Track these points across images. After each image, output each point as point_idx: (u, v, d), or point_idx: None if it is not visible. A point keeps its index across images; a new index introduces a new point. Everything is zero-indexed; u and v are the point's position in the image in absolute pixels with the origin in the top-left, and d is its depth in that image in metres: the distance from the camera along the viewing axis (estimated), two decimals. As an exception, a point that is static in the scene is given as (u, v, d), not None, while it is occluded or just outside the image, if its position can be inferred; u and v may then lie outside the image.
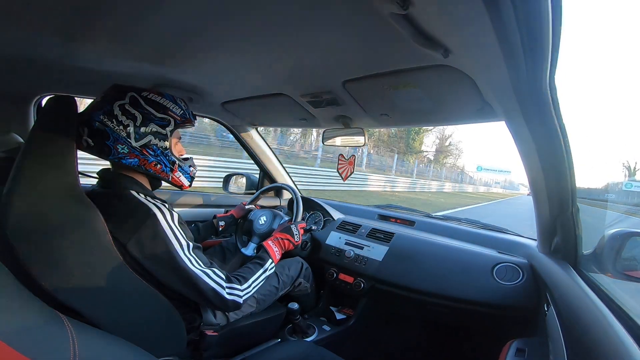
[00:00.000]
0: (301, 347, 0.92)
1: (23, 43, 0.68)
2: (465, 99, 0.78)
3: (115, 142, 0.74)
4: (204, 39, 0.65)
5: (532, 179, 0.83)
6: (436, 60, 0.62)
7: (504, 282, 1.00)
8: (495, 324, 1.06)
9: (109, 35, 0.65)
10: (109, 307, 0.67)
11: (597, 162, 56.90)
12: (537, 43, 0.47)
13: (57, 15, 0.56)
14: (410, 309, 1.23)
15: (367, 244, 1.29)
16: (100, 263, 0.66)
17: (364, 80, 0.80)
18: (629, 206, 9.49)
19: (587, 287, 0.66)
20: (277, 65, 0.77)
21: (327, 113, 1.10)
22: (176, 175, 0.85)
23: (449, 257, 1.13)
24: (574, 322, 0.58)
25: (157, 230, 0.72)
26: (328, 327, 1.23)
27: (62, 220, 0.63)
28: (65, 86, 1.05)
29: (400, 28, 0.49)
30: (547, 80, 0.56)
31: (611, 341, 0.45)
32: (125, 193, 0.76)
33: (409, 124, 1.16)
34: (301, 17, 0.53)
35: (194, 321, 0.87)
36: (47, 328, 0.41)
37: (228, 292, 0.79)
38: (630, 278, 0.65)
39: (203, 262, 0.78)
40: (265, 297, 1.07)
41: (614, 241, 0.68)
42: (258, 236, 1.27)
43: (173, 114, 0.81)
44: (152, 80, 0.93)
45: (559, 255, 0.87)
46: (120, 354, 0.50)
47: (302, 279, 1.22)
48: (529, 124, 0.68)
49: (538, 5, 0.41)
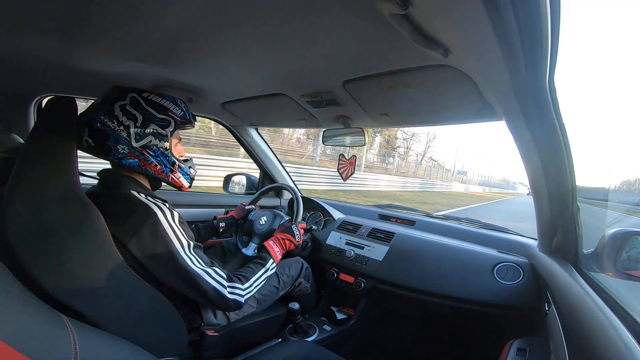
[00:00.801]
0: (302, 347, 0.92)
1: (24, 44, 0.68)
2: (465, 99, 0.78)
3: (115, 142, 0.74)
4: (204, 40, 0.65)
5: (533, 179, 0.83)
6: (436, 60, 0.62)
7: (505, 281, 1.00)
8: (496, 324, 1.06)
9: (109, 36, 0.65)
10: (110, 308, 0.67)
11: (597, 162, 57.21)
12: (537, 43, 0.47)
13: (57, 16, 0.56)
14: (410, 309, 1.23)
15: (368, 243, 1.29)
16: (101, 263, 0.66)
17: (363, 80, 0.80)
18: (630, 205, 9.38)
19: (588, 286, 0.66)
20: (277, 65, 0.77)
21: (327, 113, 1.10)
22: (176, 176, 0.85)
23: (449, 256, 1.13)
24: (574, 321, 0.58)
25: (158, 230, 0.72)
26: (329, 327, 1.23)
27: (62, 220, 0.63)
28: (66, 87, 1.05)
29: (400, 28, 0.49)
30: (547, 80, 0.56)
31: (612, 340, 0.45)
32: (125, 193, 0.76)
33: (409, 124, 1.16)
34: (301, 17, 0.53)
35: (195, 321, 0.87)
36: (48, 328, 0.41)
37: (229, 291, 0.79)
38: (631, 277, 0.65)
39: (204, 261, 0.78)
40: (266, 297, 1.07)
41: (615, 240, 0.68)
42: (258, 236, 1.27)
43: (173, 114, 0.81)
44: (153, 80, 0.93)
45: (560, 254, 0.87)
46: (121, 354, 0.50)
47: (303, 279, 1.22)
48: (529, 124, 0.68)
49: (538, 5, 0.41)
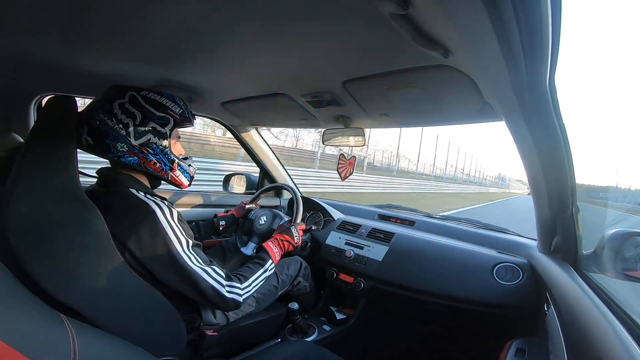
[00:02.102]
0: (301, 347, 0.92)
1: (23, 43, 0.68)
2: (465, 99, 0.78)
3: (114, 140, 0.74)
4: (204, 39, 0.64)
5: (532, 179, 0.83)
6: (436, 61, 0.62)
7: (504, 282, 1.00)
8: (496, 324, 1.06)
9: (109, 36, 0.65)
10: (109, 307, 0.67)
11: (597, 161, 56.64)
12: (537, 43, 0.47)
13: (57, 15, 0.56)
14: (410, 309, 1.23)
15: (367, 243, 1.29)
16: (100, 263, 0.66)
17: (363, 81, 0.79)
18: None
19: (587, 287, 0.66)
20: (277, 65, 0.77)
21: (327, 113, 1.10)
22: (175, 174, 0.85)
23: (449, 257, 1.13)
24: (574, 322, 0.58)
25: (157, 228, 0.72)
26: (328, 327, 1.23)
27: (62, 219, 0.63)
28: (66, 86, 1.05)
29: (400, 28, 0.49)
30: (547, 81, 0.56)
31: (611, 341, 0.45)
32: (124, 191, 0.76)
33: (409, 124, 1.16)
34: (301, 17, 0.53)
35: (194, 321, 0.87)
36: (47, 328, 0.41)
37: (228, 290, 0.79)
38: (630, 278, 0.65)
39: (203, 260, 0.78)
40: (265, 296, 1.07)
41: (614, 241, 0.68)
42: (258, 236, 1.27)
43: (172, 112, 0.81)
44: (152, 80, 0.93)
45: (559, 255, 0.87)
46: (120, 354, 0.50)
47: (301, 278, 1.22)
48: (529, 124, 0.68)
49: (538, 5, 0.41)
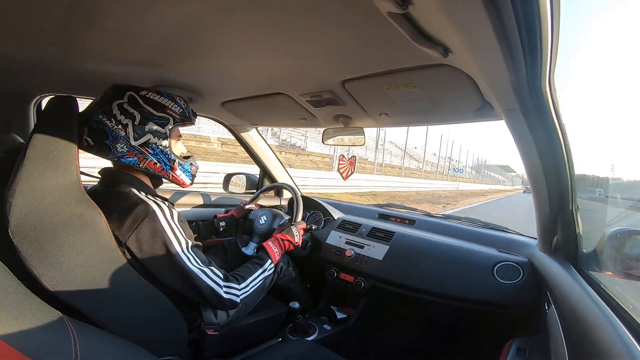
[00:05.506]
0: (302, 347, 0.92)
1: (23, 43, 0.68)
2: (465, 98, 0.78)
3: (114, 141, 0.74)
4: (204, 39, 0.64)
5: (532, 178, 0.83)
6: (436, 60, 0.62)
7: (505, 281, 1.00)
8: (496, 323, 1.06)
9: (109, 36, 0.65)
10: (110, 307, 0.67)
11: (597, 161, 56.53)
12: (537, 43, 0.47)
13: (57, 16, 0.56)
14: (411, 308, 1.23)
15: (368, 243, 1.29)
16: (101, 262, 0.66)
17: (363, 80, 0.79)
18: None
19: (587, 285, 0.66)
20: (276, 64, 0.77)
21: (326, 112, 1.10)
22: (176, 173, 0.85)
23: (449, 256, 1.13)
24: (574, 320, 0.58)
25: (156, 228, 0.73)
26: (329, 327, 1.23)
27: (63, 220, 0.63)
28: (66, 87, 1.05)
29: (399, 27, 0.49)
30: (547, 80, 0.56)
31: (612, 340, 0.45)
32: (126, 191, 0.76)
33: (409, 123, 1.16)
34: (300, 16, 0.53)
35: (195, 321, 0.87)
36: (48, 328, 0.41)
37: (225, 290, 0.79)
38: (631, 277, 0.65)
39: (201, 260, 0.78)
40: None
41: (615, 240, 0.68)
42: (258, 236, 1.27)
43: (172, 112, 0.81)
44: (152, 80, 0.93)
45: (560, 253, 0.87)
46: (122, 353, 0.50)
47: (283, 264, 1.18)
48: (528, 123, 0.68)
49: (538, 4, 0.41)
